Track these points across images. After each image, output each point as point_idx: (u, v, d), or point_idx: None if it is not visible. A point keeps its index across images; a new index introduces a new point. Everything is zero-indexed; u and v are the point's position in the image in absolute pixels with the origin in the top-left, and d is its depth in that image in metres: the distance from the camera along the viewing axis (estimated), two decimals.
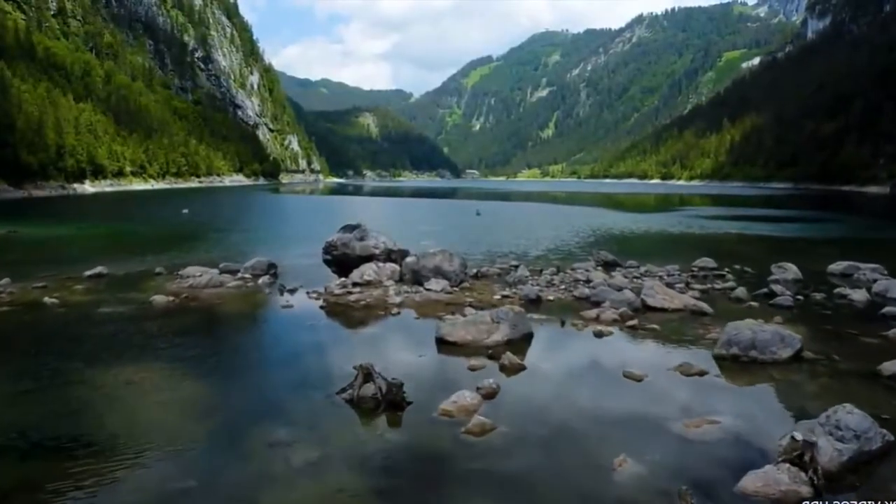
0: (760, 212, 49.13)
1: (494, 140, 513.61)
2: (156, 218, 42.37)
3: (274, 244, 24.40)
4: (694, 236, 29.19)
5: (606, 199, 76.74)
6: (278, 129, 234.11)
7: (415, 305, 12.38)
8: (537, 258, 19.72)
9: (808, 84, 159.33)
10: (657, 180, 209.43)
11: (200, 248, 22.78)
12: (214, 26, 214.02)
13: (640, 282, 14.34)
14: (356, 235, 15.36)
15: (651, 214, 45.08)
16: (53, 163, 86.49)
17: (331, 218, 41.92)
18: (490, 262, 18.00)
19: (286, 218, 45.43)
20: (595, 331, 10.31)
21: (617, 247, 22.76)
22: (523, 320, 9.94)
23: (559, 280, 14.81)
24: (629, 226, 33.90)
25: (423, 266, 14.26)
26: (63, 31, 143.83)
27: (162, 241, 26.21)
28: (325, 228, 20.38)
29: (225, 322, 11.81)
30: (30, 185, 78.51)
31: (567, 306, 12.39)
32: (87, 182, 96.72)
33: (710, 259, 17.62)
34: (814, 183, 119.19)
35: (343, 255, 15.26)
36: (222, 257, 18.54)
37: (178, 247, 23.47)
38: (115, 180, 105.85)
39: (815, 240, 28.27)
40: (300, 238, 26.36)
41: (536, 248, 22.81)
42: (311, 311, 12.18)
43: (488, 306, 11.78)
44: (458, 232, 30.87)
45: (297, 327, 11.08)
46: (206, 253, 20.97)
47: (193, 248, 23.15)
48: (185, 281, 14.64)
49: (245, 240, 26.37)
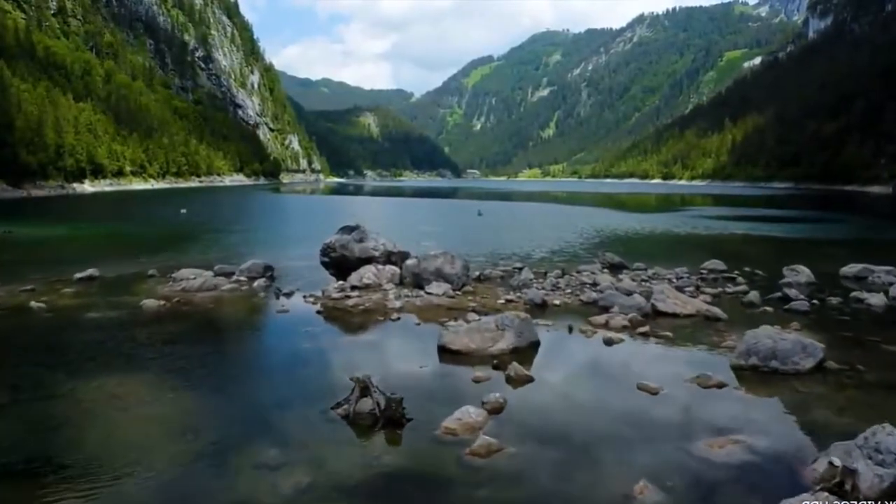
0: (764, 212, 48.64)
1: (495, 140, 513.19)
2: (153, 218, 41.93)
3: (271, 245, 23.93)
4: (700, 237, 28.70)
5: (608, 200, 76.29)
6: (279, 128, 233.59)
7: (415, 310, 11.90)
8: (541, 260, 19.24)
9: (810, 84, 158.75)
10: (658, 180, 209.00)
11: (196, 249, 22.30)
12: (215, 26, 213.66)
13: (649, 285, 13.85)
14: (355, 237, 14.88)
15: (655, 214, 44.62)
16: (53, 162, 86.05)
17: (330, 218, 41.49)
18: (493, 265, 17.52)
19: (285, 218, 45.00)
20: (605, 338, 9.82)
21: (623, 248, 22.28)
22: (529, 327, 9.45)
23: (565, 283, 14.32)
24: (634, 226, 33.41)
25: (425, 269, 13.78)
26: (63, 31, 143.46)
27: (157, 242, 25.75)
28: (325, 229, 19.93)
29: (217, 328, 11.33)
30: (29, 184, 78.16)
31: (574, 311, 11.91)
32: (87, 182, 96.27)
33: (720, 261, 17.12)
34: (815, 183, 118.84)
35: (341, 257, 14.77)
36: (218, 259, 18.08)
37: (174, 248, 23.01)
38: (114, 180, 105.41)
39: (823, 241, 27.76)
40: (299, 239, 25.89)
41: (540, 249, 22.32)
42: (307, 316, 11.68)
43: (492, 311, 11.31)
44: (459, 233, 30.40)
45: (292, 334, 10.59)
46: (201, 254, 20.50)
47: (189, 249, 22.67)
48: (178, 284, 14.16)
49: (242, 241, 25.90)
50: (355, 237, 14.86)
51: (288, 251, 21.48)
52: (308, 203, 73.31)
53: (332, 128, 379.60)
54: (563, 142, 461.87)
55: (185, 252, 21.41)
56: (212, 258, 18.71)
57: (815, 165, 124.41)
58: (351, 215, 47.28)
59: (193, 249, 22.39)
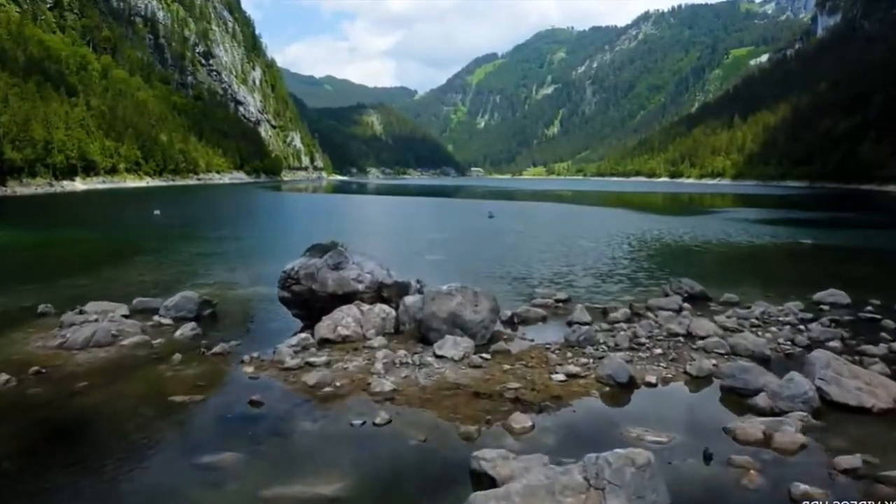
0: (809, 215, 43.69)
1: (499, 138, 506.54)
2: (123, 221, 37.16)
3: (238, 260, 19.05)
4: (767, 249, 23.70)
5: (623, 200, 71.21)
6: (280, 125, 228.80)
7: (417, 399, 7.02)
8: (592, 288, 14.34)
9: (821, 81, 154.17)
10: (666, 178, 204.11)
11: (136, 268, 17.22)
12: (216, 21, 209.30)
13: (769, 335, 9.10)
14: (329, 261, 10.08)
15: (690, 218, 39.43)
16: (41, 159, 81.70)
17: (325, 221, 36.80)
18: (526, 295, 12.74)
19: (272, 220, 40.21)
20: (794, 494, 4.98)
21: (682, 266, 17.45)
22: (655, 483, 4.59)
23: (646, 333, 9.47)
24: (676, 233, 28.37)
25: (433, 313, 9.01)
26: (59, 25, 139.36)
27: (99, 255, 20.97)
28: (316, 235, 15.22)
29: (51, 452, 6.33)
30: (14, 182, 74.21)
31: (686, 401, 7.10)
32: (78, 179, 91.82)
33: (838, 290, 12.34)
34: (829, 182, 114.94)
35: (308, 291, 9.98)
36: (157, 282, 13.41)
37: (112, 264, 18.20)
38: (108, 177, 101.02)
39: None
40: (277, 251, 20.92)
41: (578, 265, 17.51)
42: (229, 414, 6.73)
43: (546, 397, 6.58)
44: (470, 240, 25.62)
45: (184, 469, 5.66)
46: (138, 275, 15.64)
47: (129, 266, 17.62)
48: (63, 332, 9.41)
49: (204, 252, 20.93)
50: (329, 262, 10.05)
51: (255, 269, 16.62)
52: (304, 202, 68.44)
53: (335, 126, 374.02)
54: (567, 140, 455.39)
55: (119, 271, 16.56)
56: (146, 282, 13.97)
57: (828, 164, 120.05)
58: (349, 216, 42.52)
59: (134, 267, 17.38)
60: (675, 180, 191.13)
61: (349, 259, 10.10)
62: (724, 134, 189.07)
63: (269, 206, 57.89)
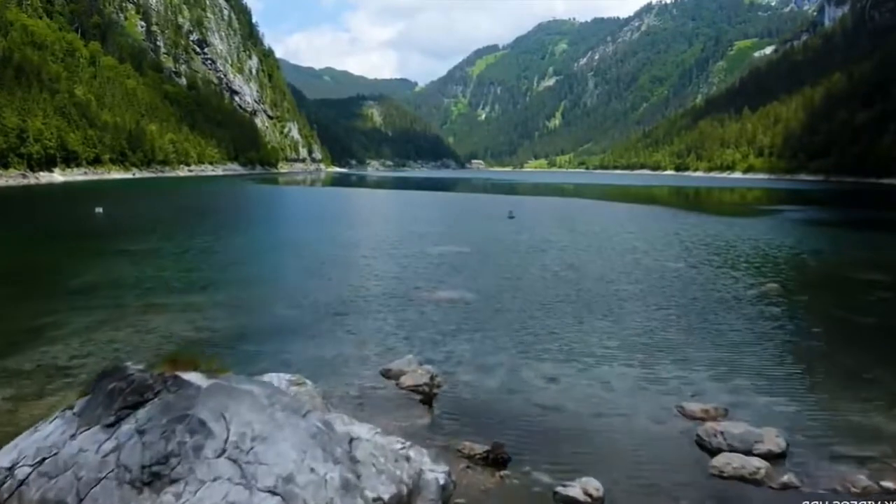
0: (871, 214, 38.96)
1: (500, 130, 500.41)
2: (52, 222, 31.94)
3: (149, 304, 14.11)
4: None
5: (654, 195, 66.24)
6: (278, 115, 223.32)
7: None
8: (724, 363, 9.42)
9: (834, 72, 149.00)
10: (671, 172, 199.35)
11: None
12: (211, 8, 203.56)
13: None
14: (136, 448, 4.56)
15: (755, 220, 33.97)
16: (14, 148, 76.62)
17: (321, 222, 31.95)
18: (636, 386, 7.92)
19: (249, 221, 35.26)
20: None
21: (824, 300, 12.67)
22: None
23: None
24: (750, 239, 23.42)
25: None
26: (46, 10, 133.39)
27: None
28: (297, 248, 10.40)
29: None
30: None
31: None
32: (57, 171, 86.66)
33: None
34: (847, 175, 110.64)
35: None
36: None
37: None
38: (90, 168, 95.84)
39: None
40: (227, 280, 15.93)
41: (676, 297, 12.70)
42: None
43: None
44: (498, 256, 20.50)
45: None
46: None
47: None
48: None
49: (96, 285, 15.84)
50: (138, 453, 4.30)
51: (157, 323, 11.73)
52: (298, 197, 63.57)
53: (335, 117, 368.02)
54: (569, 132, 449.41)
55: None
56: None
57: (847, 157, 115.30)
58: (347, 216, 37.66)
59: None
60: (682, 173, 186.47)
61: (209, 428, 4.33)
62: (733, 126, 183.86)
63: (254, 203, 52.97)
